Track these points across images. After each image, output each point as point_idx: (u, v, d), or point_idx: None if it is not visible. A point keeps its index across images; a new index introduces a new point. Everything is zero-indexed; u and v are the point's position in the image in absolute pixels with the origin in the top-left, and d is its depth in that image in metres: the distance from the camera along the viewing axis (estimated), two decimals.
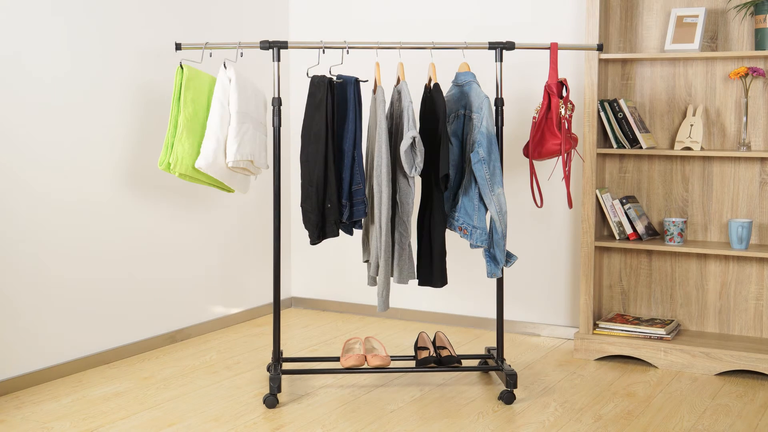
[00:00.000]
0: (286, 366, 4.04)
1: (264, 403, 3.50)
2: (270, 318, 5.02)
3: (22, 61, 3.68)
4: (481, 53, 4.69)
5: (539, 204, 4.45)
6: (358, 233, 5.04)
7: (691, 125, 4.10)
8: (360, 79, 4.03)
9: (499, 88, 3.66)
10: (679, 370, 4.01)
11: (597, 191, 4.22)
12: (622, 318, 4.29)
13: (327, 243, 5.19)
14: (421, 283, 3.65)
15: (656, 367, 4.06)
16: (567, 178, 3.65)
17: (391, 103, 3.67)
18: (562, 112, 3.66)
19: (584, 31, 4.30)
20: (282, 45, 3.59)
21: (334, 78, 3.58)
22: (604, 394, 3.69)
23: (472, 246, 3.53)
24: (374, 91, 3.62)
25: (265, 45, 3.58)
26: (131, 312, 4.23)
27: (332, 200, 3.53)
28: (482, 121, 3.50)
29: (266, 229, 5.07)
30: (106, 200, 4.07)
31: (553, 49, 3.67)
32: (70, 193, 3.90)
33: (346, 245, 5.13)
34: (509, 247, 4.71)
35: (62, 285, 3.88)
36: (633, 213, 4.21)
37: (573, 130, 4.39)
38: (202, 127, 3.64)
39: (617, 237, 4.23)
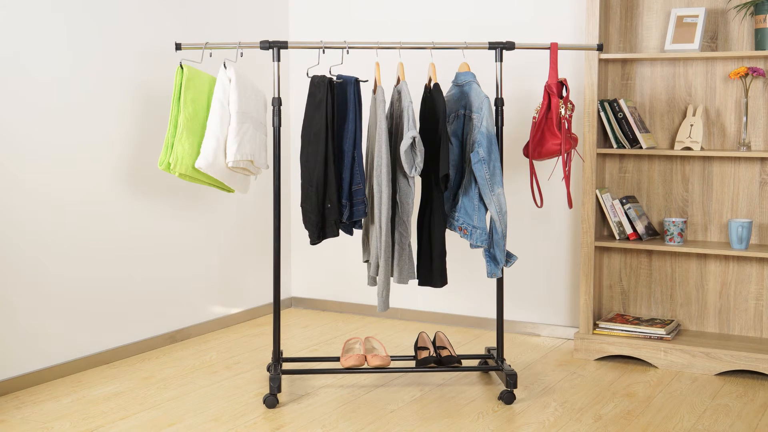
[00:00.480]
0: (286, 366, 4.04)
1: (264, 403, 3.50)
2: (270, 318, 5.02)
3: (22, 61, 3.68)
4: (481, 53, 4.69)
5: (539, 204, 4.45)
6: (358, 233, 5.04)
7: (691, 125, 4.10)
8: (360, 79, 4.03)
9: (499, 88, 3.66)
10: (679, 370, 4.01)
11: (597, 191, 4.22)
12: (622, 318, 4.29)
13: (327, 243, 5.19)
14: (421, 283, 3.65)
15: (656, 367, 4.06)
16: (567, 178, 3.65)
17: (391, 103, 3.67)
18: (562, 112, 3.66)
19: (584, 31, 4.30)
20: (282, 45, 3.59)
21: (334, 78, 3.58)
22: (604, 394, 3.69)
23: (472, 246, 3.53)
24: (374, 91, 3.62)
25: (265, 45, 3.58)
26: (131, 312, 4.23)
27: (332, 200, 3.53)
28: (482, 121, 3.50)
29: (266, 229, 5.07)
30: (106, 200, 4.07)
31: (553, 49, 3.67)
32: (70, 193, 3.90)
33: (346, 245, 5.13)
34: (509, 247, 4.71)
35: (62, 285, 3.88)
36: (633, 213, 4.21)
37: (573, 130, 4.39)
38: (202, 127, 3.64)
39: (617, 237, 4.23)
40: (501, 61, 3.65)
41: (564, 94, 3.69)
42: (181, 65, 3.59)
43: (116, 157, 4.11)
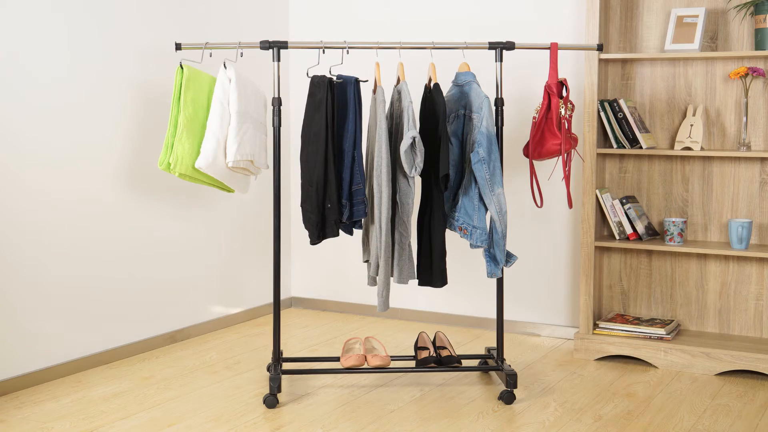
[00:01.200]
0: (286, 366, 4.04)
1: (264, 403, 3.50)
2: (270, 318, 5.02)
3: (22, 61, 3.68)
4: (481, 53, 4.69)
5: (539, 204, 4.45)
6: (358, 233, 5.04)
7: (691, 125, 4.10)
8: (360, 79, 4.03)
9: (499, 88, 3.66)
10: (679, 370, 4.01)
11: (597, 191, 4.22)
12: (622, 318, 4.28)
13: (327, 243, 5.19)
14: (421, 283, 3.65)
15: (656, 367, 4.06)
16: (567, 178, 3.65)
17: (391, 103, 3.67)
18: (562, 112, 3.66)
19: (584, 31, 4.30)
20: (282, 45, 3.59)
21: (334, 78, 3.58)
22: (604, 394, 3.69)
23: (472, 246, 3.53)
24: (374, 91, 3.62)
25: (265, 45, 3.58)
26: (131, 312, 4.23)
27: (332, 200, 3.53)
28: (482, 121, 3.50)
29: (266, 229, 5.07)
30: (106, 200, 4.07)
31: (553, 49, 3.67)
32: (70, 193, 3.90)
33: (346, 245, 5.13)
34: (509, 247, 4.71)
35: (62, 285, 3.88)
36: (633, 213, 4.21)
37: (573, 130, 4.39)
38: (202, 127, 3.64)
39: (617, 237, 4.23)
40: (501, 61, 3.65)
41: (564, 94, 3.69)
42: (181, 65, 3.59)
43: (116, 157, 4.11)
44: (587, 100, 4.14)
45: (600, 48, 3.77)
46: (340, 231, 4.58)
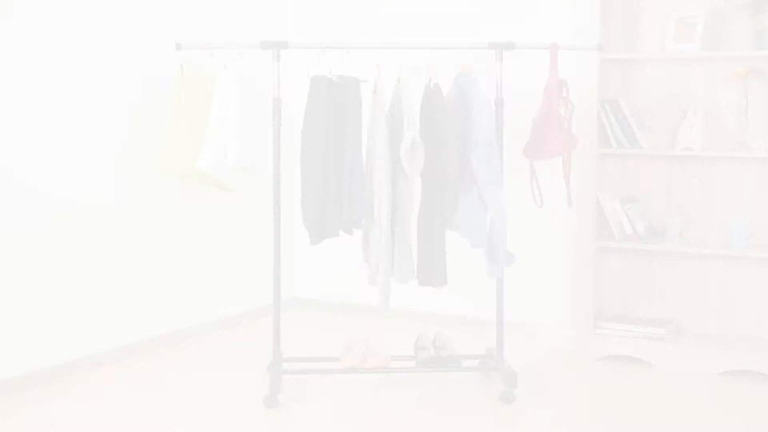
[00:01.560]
0: (286, 366, 4.04)
1: (264, 403, 3.51)
2: (270, 318, 5.02)
3: (22, 61, 3.68)
4: (482, 53, 4.69)
5: (539, 204, 4.46)
6: (358, 233, 5.04)
7: (692, 125, 4.10)
8: (360, 79, 4.03)
9: (499, 88, 3.66)
10: (679, 370, 4.01)
11: (597, 191, 4.22)
12: (622, 318, 4.29)
13: (328, 243, 5.19)
14: (421, 283, 3.66)
15: (656, 367, 4.07)
16: (567, 178, 3.65)
17: (391, 103, 3.67)
18: (563, 112, 3.67)
19: (584, 31, 4.30)
20: (282, 45, 3.60)
21: (334, 78, 3.58)
22: (604, 394, 3.69)
23: (472, 246, 3.53)
24: (374, 92, 3.62)
25: (265, 45, 3.58)
26: (132, 311, 4.23)
27: (332, 200, 3.53)
28: (482, 122, 3.50)
29: (266, 229, 5.07)
30: (106, 200, 4.07)
31: (553, 49, 3.68)
32: (70, 194, 3.90)
33: (347, 245, 5.14)
34: (509, 247, 4.71)
35: (62, 285, 3.88)
36: (633, 213, 4.21)
37: (573, 130, 4.39)
38: (202, 127, 3.64)
39: (617, 237, 4.23)
40: (501, 61, 3.66)
41: (564, 94, 3.69)
42: (181, 66, 3.59)
43: (116, 157, 4.11)
44: (587, 100, 4.14)
45: (600, 48, 3.77)
46: (340, 231, 4.59)
